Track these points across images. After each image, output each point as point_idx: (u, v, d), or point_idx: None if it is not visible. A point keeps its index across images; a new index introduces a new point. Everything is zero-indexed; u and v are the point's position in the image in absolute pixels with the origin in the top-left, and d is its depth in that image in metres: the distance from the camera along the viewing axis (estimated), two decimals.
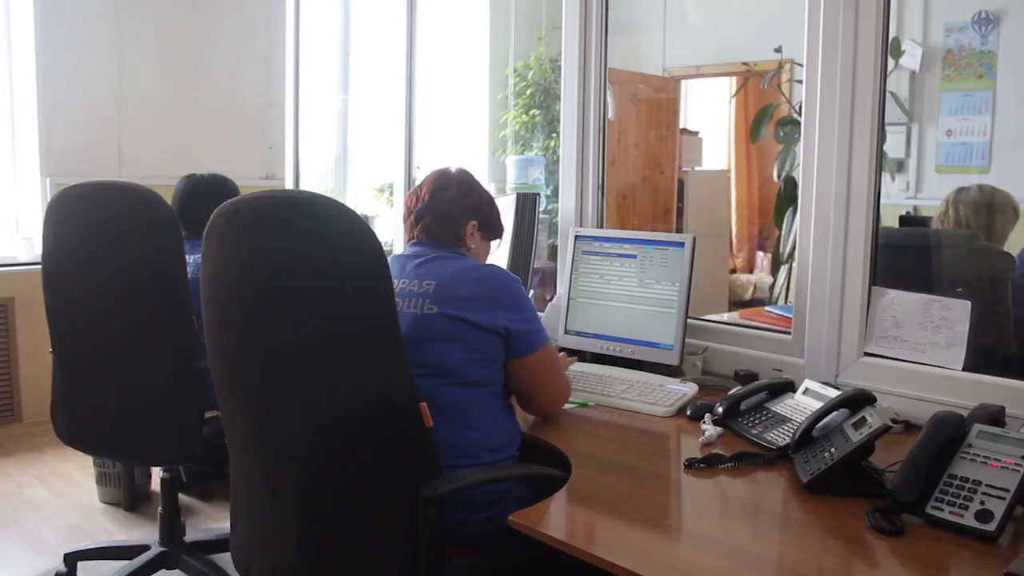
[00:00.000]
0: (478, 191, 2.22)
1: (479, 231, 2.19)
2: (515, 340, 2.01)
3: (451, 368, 1.95)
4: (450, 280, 2.01)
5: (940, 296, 2.29)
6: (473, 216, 2.17)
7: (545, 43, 5.62)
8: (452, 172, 2.22)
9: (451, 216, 2.14)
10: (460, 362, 1.96)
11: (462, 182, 2.20)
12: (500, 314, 1.98)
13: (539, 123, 5.58)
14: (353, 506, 1.71)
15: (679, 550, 1.57)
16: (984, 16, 4.89)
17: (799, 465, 1.82)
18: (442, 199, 2.15)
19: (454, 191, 2.17)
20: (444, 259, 2.08)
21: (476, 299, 1.98)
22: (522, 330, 2.01)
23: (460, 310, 1.96)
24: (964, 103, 4.99)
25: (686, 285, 2.53)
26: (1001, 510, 1.52)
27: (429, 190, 2.17)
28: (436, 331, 1.96)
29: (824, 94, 2.36)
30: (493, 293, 1.99)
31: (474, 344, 1.97)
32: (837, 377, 2.36)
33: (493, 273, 2.05)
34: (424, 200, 2.16)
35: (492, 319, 1.97)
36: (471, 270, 2.05)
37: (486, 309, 1.97)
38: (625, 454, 2.03)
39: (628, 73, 5.32)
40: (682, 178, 5.39)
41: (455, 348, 1.96)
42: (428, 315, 1.97)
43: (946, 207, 3.15)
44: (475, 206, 2.19)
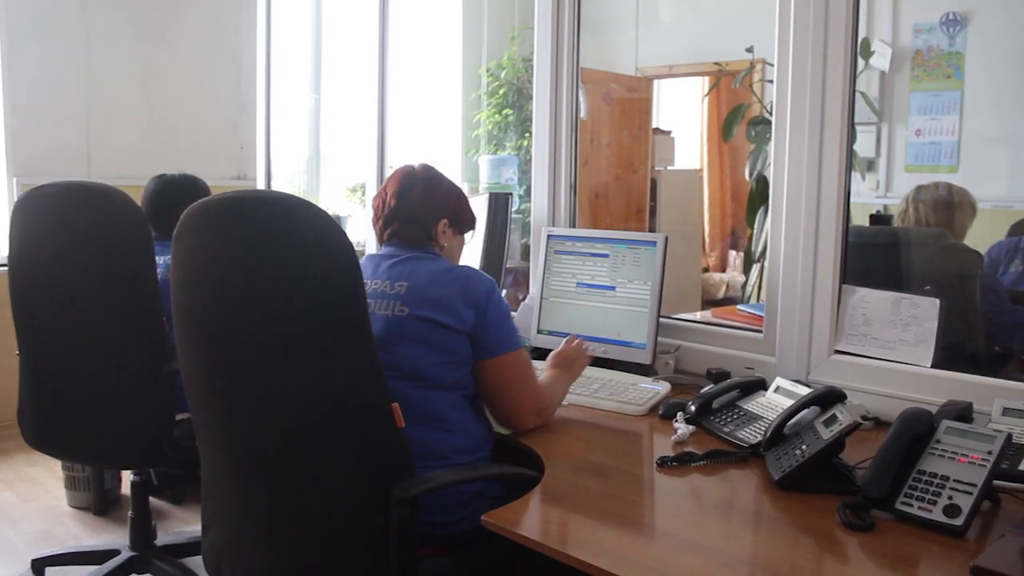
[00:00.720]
0: (444, 187, 2.18)
1: (450, 228, 2.16)
2: (480, 340, 1.99)
3: (422, 371, 1.94)
4: (422, 282, 1.99)
5: (909, 294, 2.31)
6: (442, 215, 2.14)
7: (518, 43, 5.63)
8: (416, 170, 2.17)
9: (420, 219, 2.11)
10: (431, 365, 1.95)
11: (427, 181, 2.15)
12: (469, 314, 1.96)
13: (512, 123, 5.58)
14: (325, 507, 1.70)
15: (652, 549, 1.57)
16: (952, 17, 4.95)
17: (771, 463, 1.83)
18: (408, 202, 2.11)
19: (419, 191, 2.13)
20: (417, 260, 2.06)
21: (446, 300, 1.96)
22: (489, 332, 1.99)
23: (430, 312, 1.95)
24: (933, 103, 5.05)
25: (658, 284, 2.54)
26: (968, 505, 1.54)
27: (394, 194, 2.13)
28: (407, 333, 1.94)
29: (794, 94, 2.38)
30: (464, 293, 1.98)
31: (444, 347, 1.95)
32: (808, 375, 2.38)
33: (465, 274, 2.03)
34: (390, 205, 2.12)
35: (460, 319, 1.95)
36: (444, 272, 2.03)
37: (456, 310, 1.96)
38: (598, 453, 2.03)
39: (601, 73, 5.34)
40: (655, 177, 5.41)
41: (426, 351, 1.94)
42: (399, 317, 1.96)
43: (906, 205, 3.19)
44: (443, 204, 2.15)
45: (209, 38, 4.88)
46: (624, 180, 5.15)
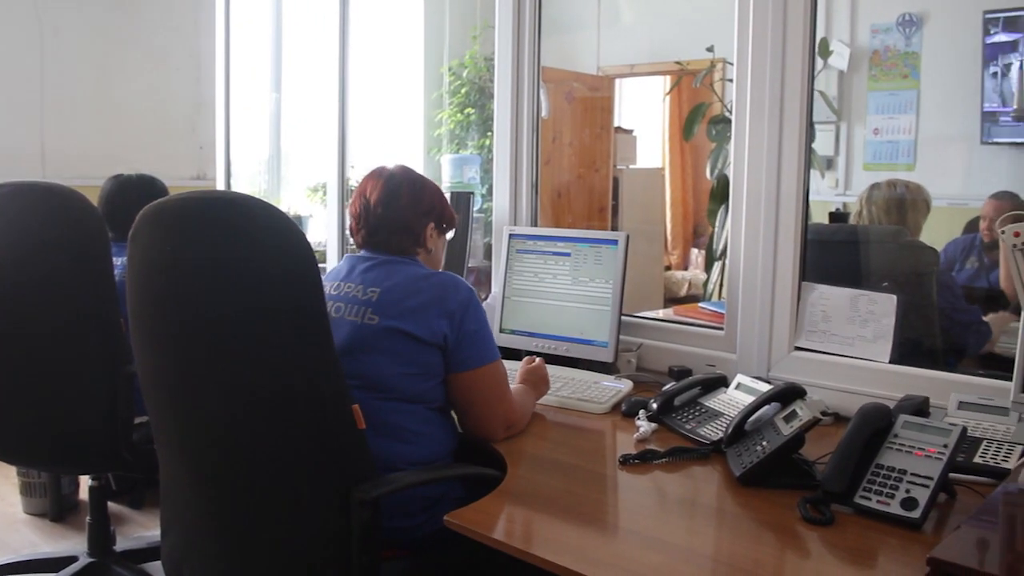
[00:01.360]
0: (427, 188, 2.11)
1: (436, 230, 2.11)
2: (454, 352, 1.94)
3: (386, 383, 1.90)
4: (396, 289, 1.95)
5: (867, 291, 2.34)
6: (429, 218, 2.09)
7: (480, 42, 5.62)
8: (397, 175, 2.09)
9: (409, 227, 2.05)
10: (397, 377, 1.90)
11: (411, 184, 2.08)
12: (444, 324, 1.91)
13: (474, 122, 5.58)
14: (286, 510, 1.68)
15: (615, 546, 1.58)
16: (908, 18, 5.01)
17: (732, 459, 1.85)
18: (396, 210, 2.04)
19: (406, 198, 2.06)
20: (394, 264, 2.01)
21: (421, 309, 1.91)
22: (464, 344, 1.94)
23: (402, 322, 1.90)
24: (890, 102, 5.11)
25: (620, 282, 2.54)
26: (925, 498, 1.56)
27: (380, 202, 2.04)
28: (374, 343, 1.90)
29: (754, 93, 2.40)
30: (440, 303, 1.93)
31: (414, 359, 1.91)
32: (769, 371, 2.40)
33: (443, 283, 1.97)
34: (377, 214, 2.04)
35: (433, 330, 1.91)
36: (420, 279, 1.97)
37: (429, 319, 1.91)
38: (560, 452, 2.03)
39: (562, 72, 5.34)
40: (617, 176, 5.42)
41: (393, 362, 1.90)
42: (368, 325, 1.91)
43: (860, 206, 3.23)
44: (429, 207, 2.09)
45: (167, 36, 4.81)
46: (586, 179, 5.16)
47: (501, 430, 2.04)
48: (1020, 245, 1.62)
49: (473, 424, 2.03)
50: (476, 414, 2.02)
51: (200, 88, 4.86)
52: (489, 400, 2.01)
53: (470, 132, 5.62)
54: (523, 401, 2.17)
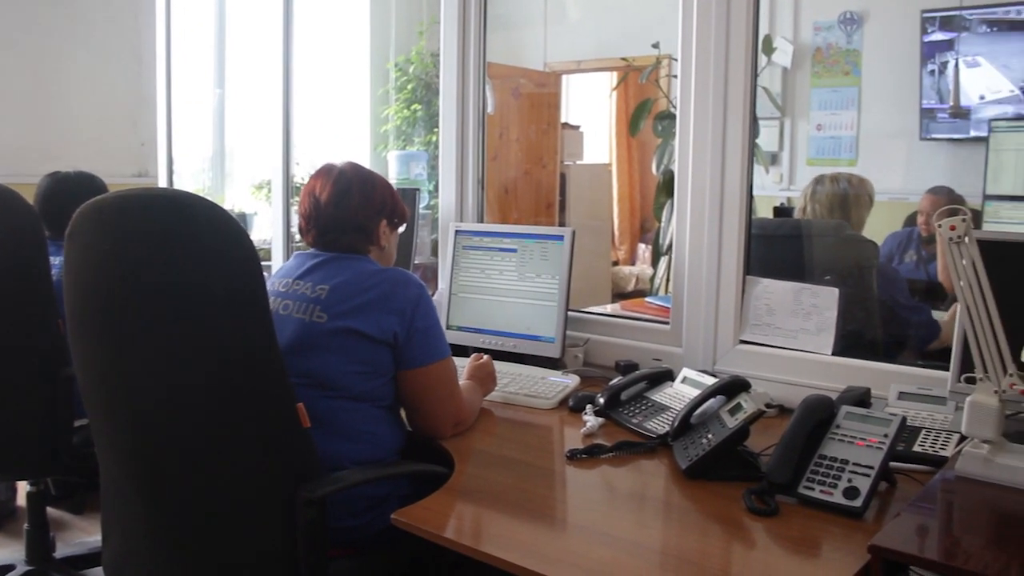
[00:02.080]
0: (377, 184, 2.08)
1: (388, 227, 2.09)
2: (404, 349, 1.92)
3: (334, 381, 1.88)
4: (345, 286, 1.92)
5: (810, 284, 2.37)
6: (381, 216, 2.06)
7: (426, 37, 5.60)
8: (346, 172, 2.05)
9: (362, 226, 2.02)
10: (345, 375, 1.89)
11: (361, 182, 2.04)
12: (393, 321, 1.90)
13: (421, 118, 5.56)
14: (230, 511, 1.66)
15: (563, 541, 1.58)
16: (849, 16, 5.09)
17: (678, 452, 1.86)
18: (348, 210, 2.01)
19: (357, 196, 2.02)
20: (344, 261, 1.98)
21: (370, 306, 1.90)
22: (414, 341, 1.92)
23: (351, 320, 1.88)
24: (832, 99, 5.19)
25: (566, 278, 2.55)
26: (867, 487, 1.59)
27: (331, 201, 2.00)
28: (322, 341, 1.88)
29: (698, 89, 2.41)
30: (390, 300, 1.91)
31: (362, 357, 1.90)
32: (714, 365, 2.42)
33: (393, 279, 1.95)
34: (328, 213, 2.01)
35: (382, 327, 1.89)
36: (369, 276, 1.95)
37: (379, 316, 1.89)
38: (508, 448, 2.03)
39: (509, 68, 5.34)
40: (564, 172, 5.44)
41: (341, 360, 1.88)
42: (316, 323, 1.89)
43: (804, 201, 3.28)
44: (381, 204, 2.06)
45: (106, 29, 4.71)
46: (533, 175, 5.17)
47: (450, 427, 2.03)
48: (955, 238, 1.65)
49: (422, 421, 2.02)
50: (425, 411, 2.00)
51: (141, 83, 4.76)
52: (439, 397, 2.00)
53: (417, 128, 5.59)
54: (472, 398, 2.16)
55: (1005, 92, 4.67)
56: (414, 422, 2.04)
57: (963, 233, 1.65)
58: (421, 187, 4.67)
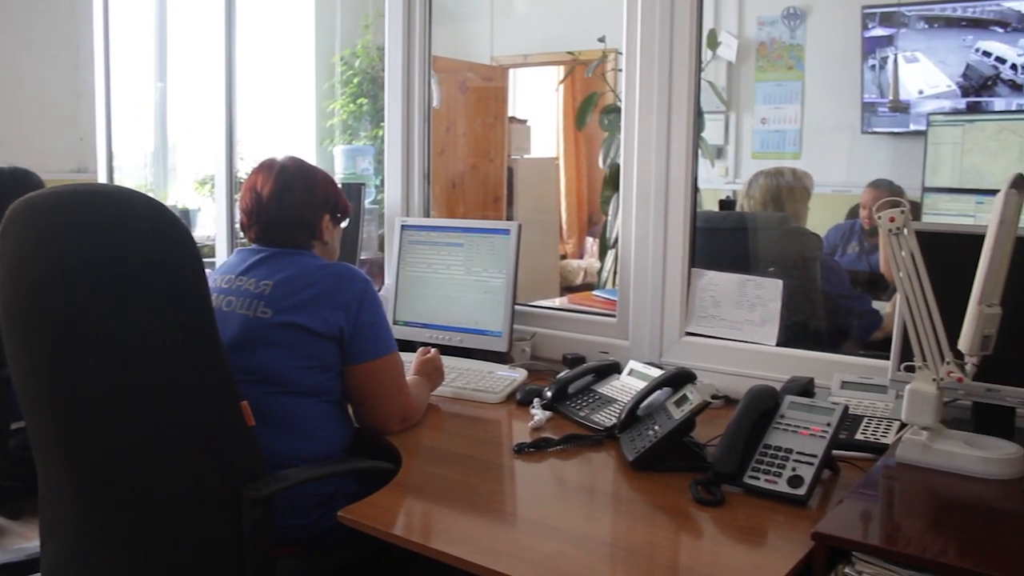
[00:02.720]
0: (319, 179, 2.05)
1: (332, 221, 2.07)
2: (350, 345, 1.91)
3: (280, 376, 1.86)
4: (289, 281, 1.90)
5: (754, 276, 2.39)
6: (324, 210, 2.04)
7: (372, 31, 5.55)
8: (288, 167, 2.02)
9: (304, 221, 2.00)
10: (291, 370, 1.87)
11: (303, 177, 2.02)
12: (339, 316, 1.88)
13: (367, 112, 5.51)
14: (173, 512, 1.63)
15: (511, 535, 1.57)
16: (792, 12, 5.15)
17: (625, 444, 1.87)
18: (290, 205, 1.99)
19: (299, 191, 2.00)
20: (287, 256, 1.96)
21: (314, 301, 1.88)
22: (360, 335, 1.91)
23: (295, 315, 1.86)
24: (776, 93, 5.25)
25: (513, 272, 2.54)
26: (810, 475, 1.61)
27: (273, 196, 1.98)
28: (267, 337, 1.86)
29: (643, 83, 2.42)
30: (335, 294, 1.89)
31: (308, 352, 1.88)
32: (661, 357, 2.43)
33: (337, 273, 1.94)
34: (270, 208, 1.98)
35: (328, 323, 1.87)
36: (314, 271, 1.93)
37: (324, 311, 1.88)
38: (456, 443, 2.02)
39: (455, 62, 5.32)
40: (511, 166, 5.44)
41: (287, 355, 1.87)
42: (260, 319, 1.87)
43: (742, 199, 3.32)
44: (324, 198, 2.04)
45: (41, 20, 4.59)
46: (480, 169, 5.15)
47: (396, 422, 2.02)
48: (895, 230, 1.68)
49: (369, 416, 2.01)
50: (372, 406, 1.99)
51: (79, 76, 4.65)
52: (385, 392, 1.99)
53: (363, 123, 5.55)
54: (418, 393, 2.15)
55: (942, 87, 4.76)
56: (361, 417, 2.02)
57: (902, 225, 1.67)
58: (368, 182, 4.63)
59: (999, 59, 4.55)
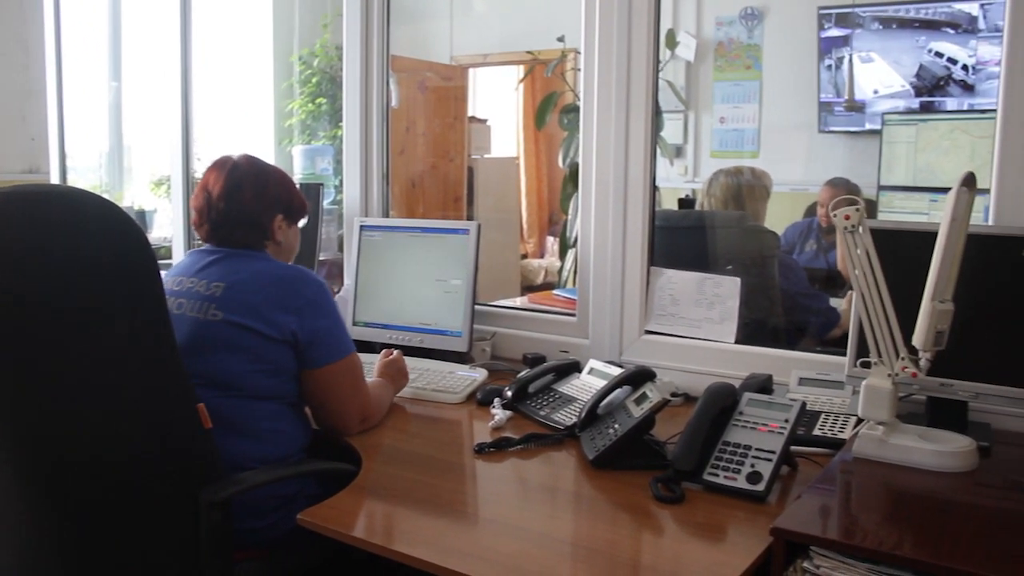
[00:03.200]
0: (273, 178, 2.02)
1: (286, 221, 2.03)
2: (306, 349, 1.88)
3: (232, 380, 1.82)
4: (241, 284, 1.87)
5: (713, 274, 2.41)
6: (277, 210, 2.00)
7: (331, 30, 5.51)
8: (240, 166, 1.99)
9: (255, 222, 1.97)
10: (244, 374, 1.84)
11: (256, 176, 1.99)
12: (291, 320, 1.85)
13: (326, 112, 5.47)
14: (130, 517, 1.61)
15: (473, 535, 1.57)
16: (750, 12, 5.20)
17: (586, 443, 1.87)
18: (240, 204, 1.95)
19: (250, 191, 1.96)
20: (240, 258, 1.94)
21: (266, 305, 1.85)
22: (316, 340, 1.88)
23: (247, 318, 1.83)
24: (735, 92, 5.29)
25: (472, 272, 2.54)
26: (769, 471, 1.62)
27: (223, 196, 1.95)
28: (218, 340, 1.82)
29: (601, 82, 2.43)
30: (287, 298, 1.86)
31: (261, 355, 1.85)
32: (621, 355, 2.44)
33: (290, 277, 1.91)
34: (219, 209, 1.95)
35: (280, 327, 1.84)
36: (266, 274, 1.90)
37: (276, 316, 1.84)
38: (416, 443, 2.01)
39: (415, 61, 5.30)
40: (471, 165, 5.43)
41: (239, 359, 1.83)
42: (211, 322, 1.84)
43: (702, 198, 3.34)
44: (276, 198, 2.00)
45: None
46: (440, 169, 5.14)
47: (356, 424, 2.01)
48: (850, 227, 1.69)
49: (328, 418, 1.99)
50: (331, 409, 1.97)
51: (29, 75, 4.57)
52: (344, 395, 1.97)
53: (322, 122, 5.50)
54: (380, 394, 2.14)
55: (897, 87, 4.83)
56: (320, 420, 2.00)
57: (857, 223, 1.69)
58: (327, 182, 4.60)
59: (951, 60, 4.63)
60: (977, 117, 3.91)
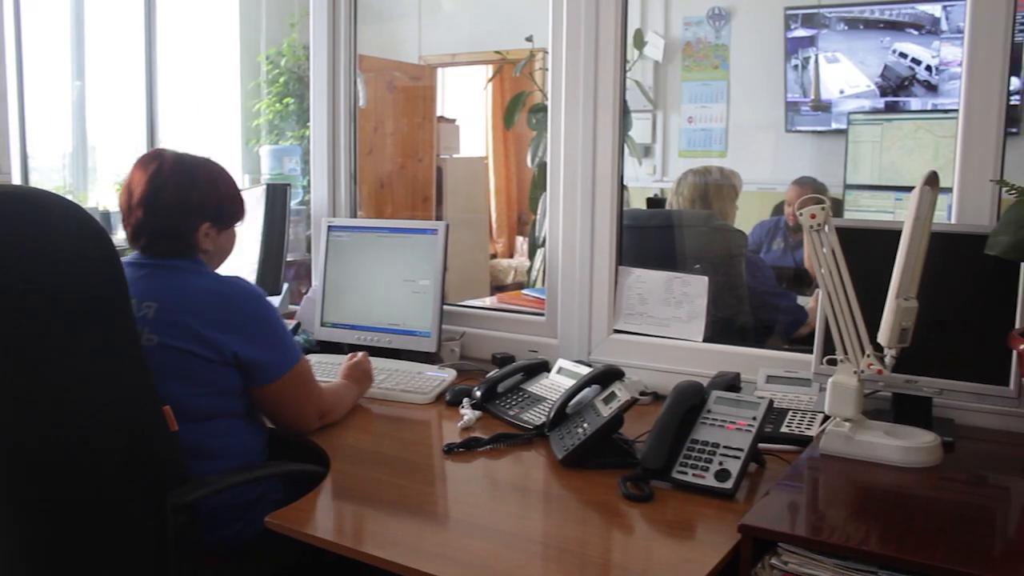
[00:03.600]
0: (200, 184, 1.85)
1: (214, 228, 1.87)
2: (251, 369, 1.81)
3: (177, 406, 1.65)
4: (174, 303, 1.76)
5: (681, 273, 2.42)
6: (202, 218, 1.84)
7: (298, 29, 5.47)
8: (165, 166, 1.82)
9: (175, 231, 1.82)
10: (186, 398, 1.73)
11: (179, 180, 1.82)
12: (231, 341, 1.76)
13: (293, 112, 5.43)
14: (96, 521, 1.59)
15: (442, 536, 1.56)
16: (717, 12, 5.23)
17: (555, 442, 1.87)
18: (158, 211, 1.80)
19: (171, 196, 1.80)
20: (169, 271, 1.81)
21: (204, 325, 1.75)
22: (261, 356, 1.80)
23: (183, 340, 1.74)
24: (703, 92, 5.32)
25: (440, 272, 2.53)
26: (737, 468, 1.63)
27: (141, 203, 1.79)
28: (157, 366, 1.66)
29: (569, 82, 2.43)
30: (225, 317, 1.77)
31: (203, 378, 1.76)
32: (589, 355, 2.44)
33: (227, 292, 1.81)
34: (137, 217, 1.80)
35: (221, 349, 1.76)
36: (200, 290, 1.79)
37: (215, 336, 1.75)
38: (385, 444, 2.00)
39: (383, 61, 5.28)
40: (440, 166, 5.42)
41: (179, 384, 1.73)
42: (147, 348, 1.69)
43: (672, 196, 3.36)
44: (200, 205, 1.84)
45: None
46: (409, 169, 5.13)
47: (315, 421, 1.98)
48: (816, 226, 1.71)
49: (288, 426, 1.96)
50: (289, 416, 1.94)
51: None
52: (299, 401, 1.93)
53: (289, 122, 5.47)
54: (341, 394, 2.12)
55: (862, 87, 4.88)
56: (279, 428, 1.97)
57: (823, 221, 1.71)
58: (295, 182, 4.58)
59: (915, 60, 4.68)
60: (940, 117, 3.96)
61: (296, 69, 5.47)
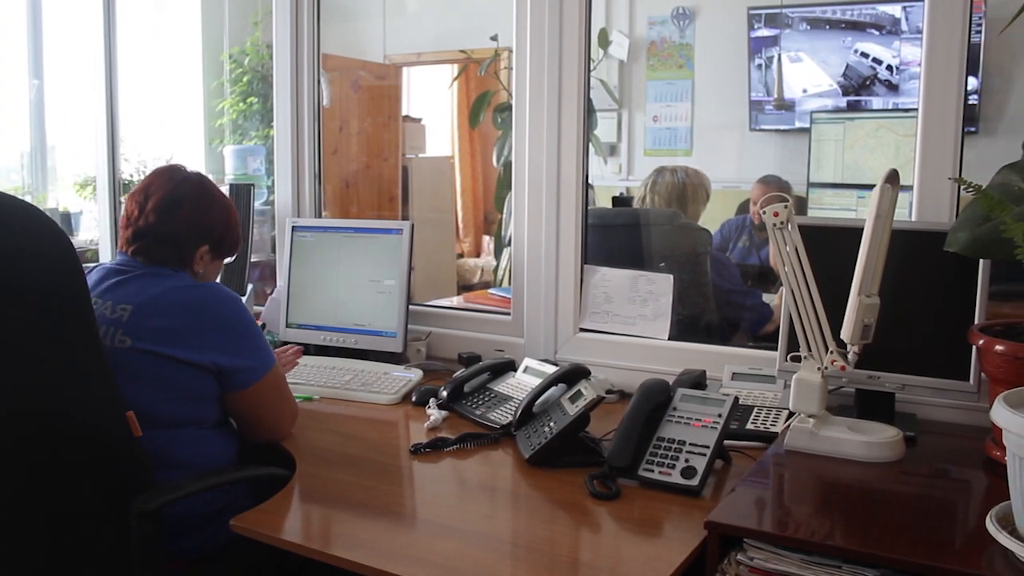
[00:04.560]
0: (216, 207, 1.92)
1: (210, 253, 1.92)
2: (230, 374, 1.80)
3: (146, 411, 1.67)
4: (149, 306, 1.76)
5: (646, 271, 2.43)
6: (206, 240, 1.90)
7: (261, 28, 5.43)
8: (187, 182, 1.90)
9: (179, 243, 1.86)
10: (158, 403, 1.73)
11: (197, 199, 1.89)
12: (208, 348, 1.76)
13: (257, 111, 5.39)
14: (58, 528, 1.57)
15: (409, 536, 1.56)
16: (681, 11, 5.26)
17: (521, 441, 1.87)
18: (172, 222, 1.85)
19: (187, 211, 1.86)
20: (149, 277, 1.81)
21: (179, 331, 1.74)
22: (238, 361, 1.80)
23: (159, 344, 1.73)
24: (667, 91, 5.35)
25: (406, 272, 2.52)
26: (703, 465, 1.64)
27: (157, 207, 1.84)
28: (128, 369, 1.68)
29: (533, 81, 2.43)
30: (200, 324, 1.77)
31: (174, 383, 1.75)
32: (556, 354, 2.45)
33: (200, 298, 1.80)
34: (149, 220, 1.84)
35: (199, 355, 1.75)
36: (176, 292, 1.79)
37: (191, 343, 1.74)
38: (351, 445, 1.99)
39: (348, 60, 5.25)
40: (406, 165, 5.40)
41: (150, 389, 1.72)
42: (120, 350, 1.71)
43: (644, 192, 3.37)
44: (210, 228, 1.90)
45: None
46: (375, 168, 5.11)
47: (290, 426, 1.97)
48: (779, 224, 1.72)
49: (265, 433, 1.93)
50: (265, 422, 1.92)
51: None
52: (276, 405, 1.92)
53: (253, 122, 5.42)
54: None
55: (825, 86, 4.93)
56: (256, 436, 1.94)
57: (786, 219, 1.72)
58: (259, 182, 4.54)
59: (876, 60, 4.73)
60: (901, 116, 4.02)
61: (260, 68, 5.43)
